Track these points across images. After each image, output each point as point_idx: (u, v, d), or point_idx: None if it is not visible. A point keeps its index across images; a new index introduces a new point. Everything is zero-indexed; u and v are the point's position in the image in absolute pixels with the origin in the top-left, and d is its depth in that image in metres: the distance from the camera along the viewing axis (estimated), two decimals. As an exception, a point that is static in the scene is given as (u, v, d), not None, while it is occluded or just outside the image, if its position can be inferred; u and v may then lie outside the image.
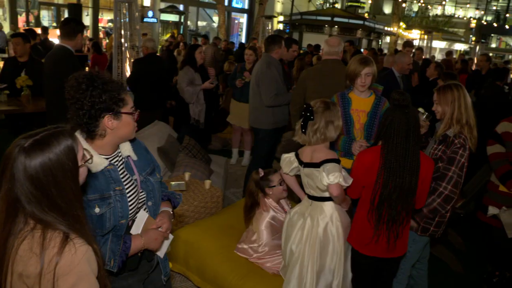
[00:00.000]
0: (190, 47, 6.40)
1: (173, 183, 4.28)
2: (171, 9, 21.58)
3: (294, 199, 4.04)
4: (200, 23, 26.40)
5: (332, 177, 2.70)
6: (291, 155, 3.09)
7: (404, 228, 2.86)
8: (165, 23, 22.85)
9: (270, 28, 16.47)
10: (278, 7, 28.43)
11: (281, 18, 27.61)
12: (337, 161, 2.82)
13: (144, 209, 2.17)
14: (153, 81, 6.10)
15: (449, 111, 3.07)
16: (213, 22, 26.71)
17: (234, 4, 27.34)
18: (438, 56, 24.16)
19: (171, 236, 2.35)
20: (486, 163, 4.74)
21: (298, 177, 3.21)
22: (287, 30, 23.88)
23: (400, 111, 2.72)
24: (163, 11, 21.41)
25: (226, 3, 23.64)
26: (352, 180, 2.82)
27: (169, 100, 7.02)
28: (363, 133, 3.63)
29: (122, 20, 7.52)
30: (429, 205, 3.02)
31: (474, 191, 5.04)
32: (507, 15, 36.29)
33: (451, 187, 2.97)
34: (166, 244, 2.31)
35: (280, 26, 26.58)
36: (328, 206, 2.92)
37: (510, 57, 33.08)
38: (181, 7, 23.08)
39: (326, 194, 2.88)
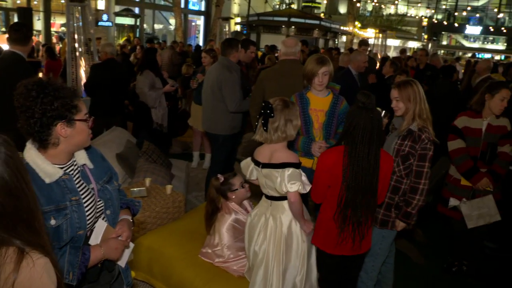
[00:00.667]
0: (149, 51, 6.32)
1: (133, 189, 4.19)
2: (127, 12, 21.26)
3: (257, 199, 4.04)
4: (156, 26, 26.11)
5: (292, 186, 2.72)
6: (248, 159, 3.08)
7: (368, 228, 2.93)
8: (121, 27, 22.48)
9: (227, 29, 16.46)
10: (235, 9, 28.47)
11: (238, 19, 27.64)
12: (297, 165, 2.82)
13: (103, 218, 2.11)
14: (111, 87, 5.91)
15: (412, 107, 3.13)
16: (170, 25, 26.49)
17: (191, 7, 27.19)
18: (393, 54, 24.73)
19: (131, 245, 2.30)
20: (443, 156, 4.88)
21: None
22: (245, 32, 23.92)
23: (365, 114, 2.76)
24: (118, 14, 21.06)
25: (182, 6, 23.47)
26: (312, 184, 2.85)
27: (127, 105, 6.90)
28: (322, 132, 3.66)
29: (75, 24, 7.34)
30: (415, 205, 3.13)
31: (432, 183, 5.18)
32: (456, 13, 37.61)
33: (427, 181, 3.12)
34: (127, 253, 2.26)
35: (237, 28, 26.64)
36: (287, 205, 2.92)
37: (460, 53, 34.31)
38: (136, 10, 22.78)
39: (282, 193, 2.88)
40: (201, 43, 24.40)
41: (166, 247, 3.57)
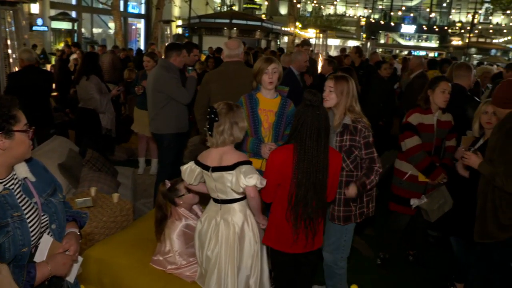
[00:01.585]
0: (90, 56, 6.14)
1: (78, 200, 4.04)
2: (63, 16, 20.47)
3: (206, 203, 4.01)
4: (95, 30, 25.40)
5: (250, 180, 2.73)
6: (191, 164, 3.01)
7: (319, 224, 2.99)
8: (57, 31, 21.66)
9: (168, 33, 16.23)
10: (176, 11, 28.19)
11: (179, 22, 27.39)
12: (249, 162, 2.85)
13: (48, 233, 2.02)
14: (33, 97, 5.61)
15: (344, 100, 3.25)
16: (109, 28, 25.81)
17: (130, 10, 26.66)
18: (334, 53, 25.31)
19: (80, 258, 2.21)
20: (386, 151, 5.04)
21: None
22: (187, 34, 23.74)
23: (312, 111, 2.81)
24: (54, 18, 20.27)
25: (121, 9, 22.96)
26: (266, 181, 2.86)
27: (68, 112, 6.67)
28: (271, 132, 3.69)
29: (7, 29, 7.00)
30: (372, 180, 3.26)
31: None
32: (392, 13, 39.05)
33: (379, 164, 3.29)
34: (75, 267, 2.18)
35: (179, 30, 26.38)
36: (240, 206, 2.93)
37: (397, 51, 35.61)
38: (73, 14, 22.04)
39: (235, 196, 2.88)
40: (142, 47, 23.94)
41: (115, 257, 3.47)
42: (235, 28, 22.41)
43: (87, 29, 24.35)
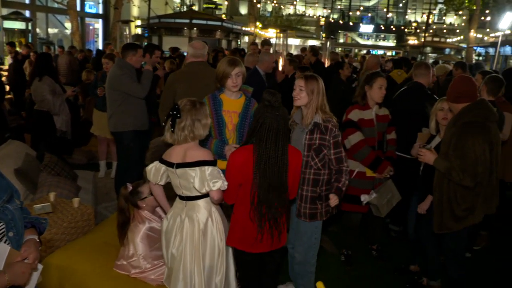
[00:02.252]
0: (43, 56, 5.97)
1: (36, 206, 3.90)
2: (16, 16, 19.74)
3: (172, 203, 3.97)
4: (51, 30, 24.62)
5: (216, 184, 2.76)
6: (156, 164, 3.00)
7: (284, 223, 3.01)
8: (10, 32, 20.89)
9: (127, 33, 15.96)
10: (135, 11, 27.72)
11: (138, 22, 26.96)
12: (214, 162, 2.85)
13: (5, 242, 1.95)
14: None
15: (315, 99, 3.29)
16: (66, 29, 25.12)
17: (87, 9, 26.03)
18: (294, 53, 25.51)
19: (40, 266, 2.14)
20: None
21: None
22: (146, 35, 23.39)
23: (271, 112, 2.83)
24: (6, 18, 19.52)
25: (78, 9, 22.36)
26: (228, 183, 2.86)
27: (21, 115, 6.46)
28: (235, 133, 3.68)
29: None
30: (344, 182, 3.35)
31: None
32: (350, 13, 39.73)
33: (347, 163, 3.40)
34: (35, 276, 2.10)
35: (138, 31, 25.97)
36: (204, 203, 2.92)
37: (356, 50, 36.26)
38: (27, 13, 21.31)
39: (199, 193, 2.87)
40: (100, 47, 23.43)
41: (77, 263, 3.38)
42: (195, 28, 22.28)
43: (42, 29, 23.58)
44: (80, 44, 19.22)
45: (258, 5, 31.62)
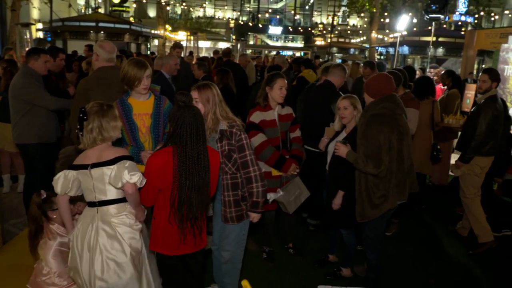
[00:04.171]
0: None
1: None
2: None
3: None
4: None
5: (133, 177, 2.72)
6: (63, 172, 2.84)
7: (203, 220, 3.04)
8: None
9: (28, 37, 15.10)
10: (35, 14, 26.15)
11: (40, 25, 25.49)
12: (131, 157, 2.84)
13: None
14: None
15: (211, 108, 3.28)
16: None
17: (-20, 12, 24.17)
18: (206, 55, 25.48)
19: None
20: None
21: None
22: (49, 39, 22.20)
23: (188, 112, 2.83)
24: None
25: (-31, 11, 20.74)
26: (143, 188, 2.83)
27: None
28: (150, 135, 3.61)
29: None
30: (257, 192, 3.35)
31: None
32: (259, 15, 40.48)
33: (257, 166, 3.36)
34: None
35: (40, 34, 24.60)
36: (117, 209, 2.84)
37: (266, 52, 36.99)
38: None
39: (114, 195, 2.80)
40: (-2, 53, 21.86)
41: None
42: (102, 32, 21.53)
43: None
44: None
45: (167, 8, 31.21)
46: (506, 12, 32.77)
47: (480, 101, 5.02)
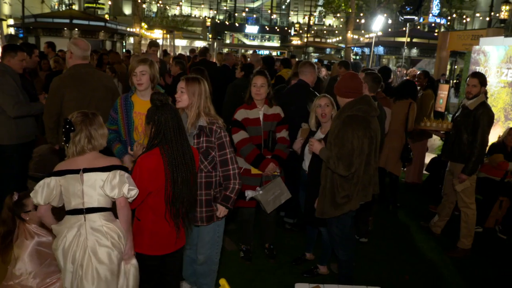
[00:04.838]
0: None
1: None
2: None
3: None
4: None
5: (131, 192, 2.72)
6: (45, 181, 2.69)
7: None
8: None
9: (-1, 33, 14.71)
10: (6, 9, 25.63)
11: (11, 21, 24.94)
12: (126, 168, 2.83)
13: None
14: None
15: (197, 102, 3.26)
16: None
17: None
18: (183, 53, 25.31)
19: None
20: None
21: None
22: (21, 35, 21.72)
23: (167, 110, 2.84)
24: None
25: None
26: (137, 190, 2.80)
27: None
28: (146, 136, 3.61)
29: None
30: (233, 189, 3.36)
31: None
32: (236, 14, 40.45)
33: (236, 164, 3.37)
34: None
35: (11, 31, 24.06)
36: (107, 217, 2.77)
37: (242, 51, 36.98)
38: None
39: (102, 203, 2.74)
40: (-33, 49, 21.29)
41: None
42: (76, 29, 21.16)
43: None
44: None
45: (144, 6, 30.90)
46: (477, 14, 33.49)
47: (472, 107, 4.85)
